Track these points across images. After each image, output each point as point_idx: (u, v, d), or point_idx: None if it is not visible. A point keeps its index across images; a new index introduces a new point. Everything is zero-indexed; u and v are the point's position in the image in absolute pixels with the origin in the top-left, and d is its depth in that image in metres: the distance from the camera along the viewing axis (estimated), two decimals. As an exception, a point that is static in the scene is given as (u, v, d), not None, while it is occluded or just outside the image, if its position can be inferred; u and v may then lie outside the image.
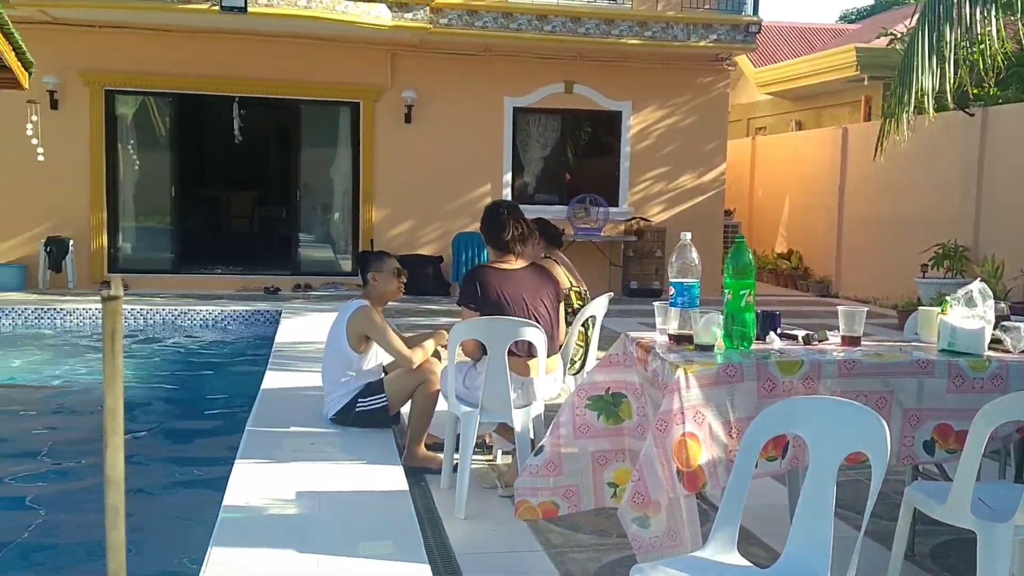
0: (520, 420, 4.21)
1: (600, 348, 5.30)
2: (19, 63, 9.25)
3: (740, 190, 15.82)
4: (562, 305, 4.77)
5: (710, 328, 3.15)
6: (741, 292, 3.15)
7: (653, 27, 12.12)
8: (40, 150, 10.89)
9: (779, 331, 3.42)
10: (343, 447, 4.71)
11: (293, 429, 5.02)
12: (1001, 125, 10.51)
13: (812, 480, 2.46)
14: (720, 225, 13.39)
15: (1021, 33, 6.40)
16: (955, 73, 6.93)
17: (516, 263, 4.42)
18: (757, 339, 3.26)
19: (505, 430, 4.56)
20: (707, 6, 12.40)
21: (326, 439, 4.85)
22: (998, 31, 6.87)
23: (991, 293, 3.31)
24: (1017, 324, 3.32)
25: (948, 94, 7.29)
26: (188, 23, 11.06)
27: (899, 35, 12.64)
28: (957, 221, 10.98)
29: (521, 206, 4.85)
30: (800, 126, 16.83)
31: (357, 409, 4.95)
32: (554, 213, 12.07)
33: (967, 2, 6.52)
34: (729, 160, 13.71)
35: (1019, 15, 7.03)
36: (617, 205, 12.93)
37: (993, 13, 6.67)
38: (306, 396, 5.76)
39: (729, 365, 2.98)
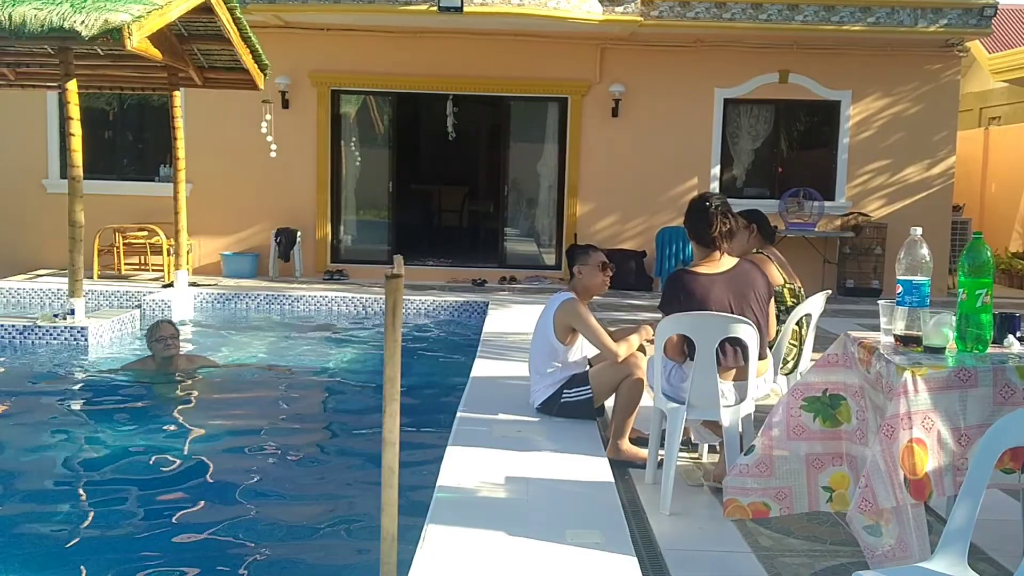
0: (729, 418, 4.12)
1: (815, 348, 5.11)
2: (256, 65, 10.01)
3: (970, 184, 14.74)
4: (773, 303, 4.63)
5: (941, 329, 2.96)
6: (977, 292, 2.94)
7: (877, 12, 11.49)
8: (273, 147, 11.70)
9: (1019, 334, 3.17)
10: (549, 436, 4.78)
11: (501, 416, 5.14)
12: None
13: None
14: (948, 222, 12.53)
15: None
16: None
17: (721, 264, 4.27)
18: (993, 342, 3.04)
19: (712, 425, 4.48)
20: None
21: (532, 428, 4.94)
22: None
23: None
24: None
25: None
26: (407, 24, 11.53)
27: None
28: None
29: (730, 200, 4.71)
30: (1041, 115, 15.47)
31: (563, 400, 5.01)
32: (765, 207, 11.63)
33: None
34: (959, 152, 12.80)
35: None
36: (833, 199, 12.37)
37: None
38: (513, 385, 5.89)
39: (962, 369, 2.79)
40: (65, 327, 7.75)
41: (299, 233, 12.14)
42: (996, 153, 14.76)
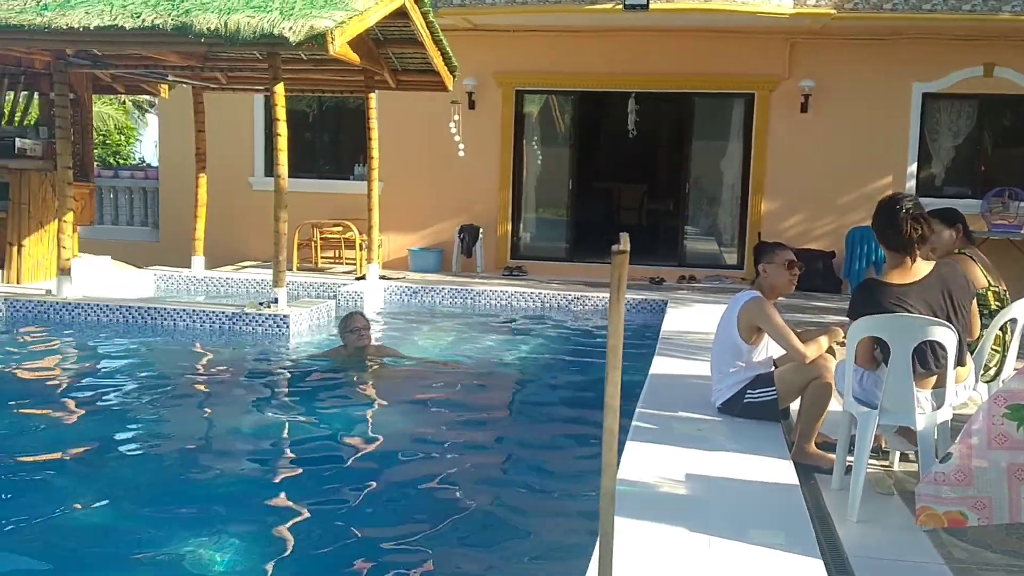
0: (924, 425, 3.95)
1: (1020, 355, 4.82)
2: (446, 67, 10.37)
3: None
4: (976, 306, 4.40)
5: None
6: None
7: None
8: (461, 146, 12.09)
9: None
10: (731, 436, 4.74)
11: (681, 414, 5.13)
12: None
13: None
14: None
15: None
16: None
17: (915, 271, 4.04)
18: None
19: (906, 432, 4.31)
20: None
21: (714, 427, 4.91)
22: None
23: None
24: None
25: None
26: (592, 23, 11.62)
27: None
28: None
29: (928, 199, 4.47)
30: None
31: (746, 400, 4.95)
32: (966, 207, 11.02)
33: None
34: None
35: None
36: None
37: None
38: (693, 383, 5.86)
39: None
40: (269, 315, 8.31)
41: (481, 230, 12.48)
42: None
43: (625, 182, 16.65)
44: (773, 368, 5.01)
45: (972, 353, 4.41)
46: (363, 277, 10.98)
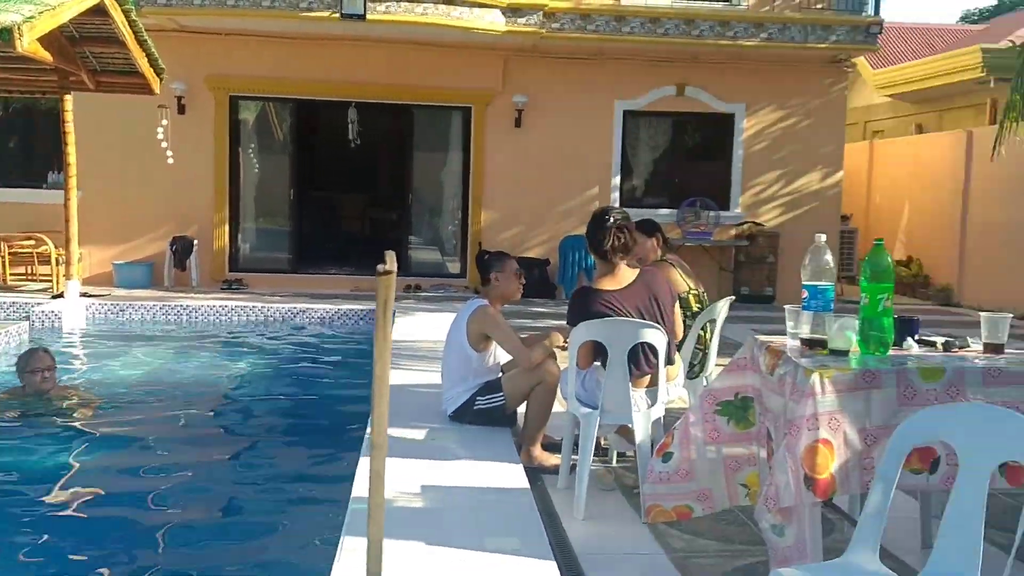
0: (641, 424, 4.19)
1: (718, 353, 5.25)
2: (151, 70, 9.71)
3: (856, 195, 15.38)
4: (679, 308, 4.74)
5: (844, 333, 3.08)
6: (879, 296, 3.07)
7: (770, 28, 11.91)
8: (169, 153, 11.37)
9: (917, 337, 3.32)
10: (462, 444, 4.78)
11: (413, 425, 5.10)
12: None
13: (961, 490, 2.38)
14: (837, 231, 13.04)
15: None
16: None
17: (623, 277, 4.33)
18: (894, 345, 3.18)
19: (626, 431, 4.55)
20: (820, 5, 12.11)
21: (446, 435, 4.93)
22: None
23: None
24: None
25: None
26: (309, 30, 11.38)
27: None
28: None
29: (629, 210, 4.80)
30: (920, 129, 16.25)
31: (476, 407, 5.01)
32: (664, 217, 11.99)
33: None
34: (846, 164, 13.35)
35: None
36: (728, 209, 12.74)
37: None
38: (423, 393, 5.86)
39: (867, 371, 2.91)
40: (-54, 341, 7.36)
41: (196, 241, 11.82)
42: (880, 166, 15.45)
43: (348, 191, 16.47)
44: (501, 374, 5.12)
45: (679, 352, 4.74)
46: (61, 295, 10.03)
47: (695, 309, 5.14)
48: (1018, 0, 31.47)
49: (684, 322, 4.90)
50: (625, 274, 4.36)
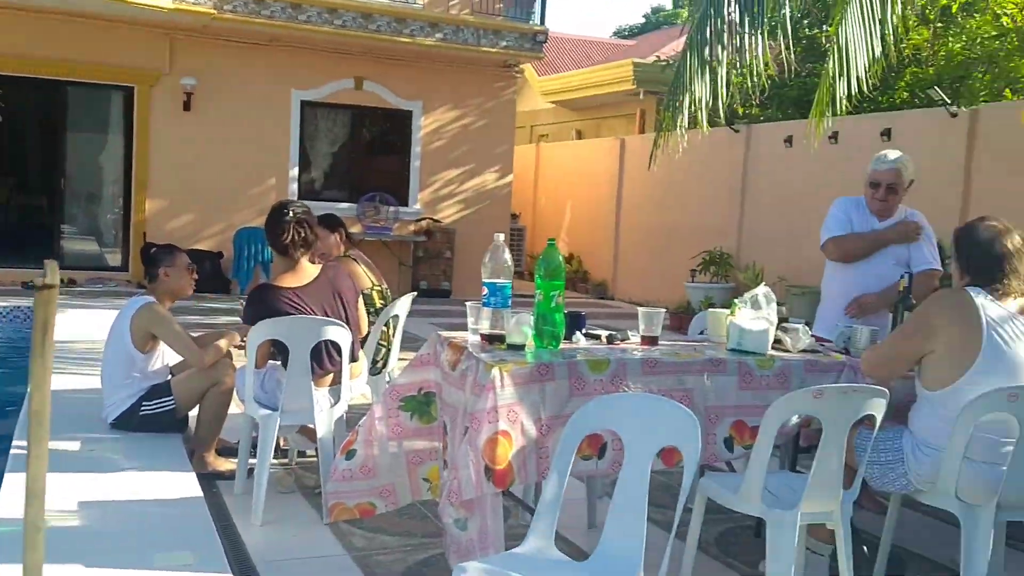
0: (324, 423, 4.11)
1: (403, 348, 5.29)
2: None
3: (525, 195, 16.25)
4: (363, 304, 4.71)
5: (521, 328, 3.20)
6: (552, 293, 3.22)
7: (445, 29, 12.22)
8: None
9: (584, 331, 3.53)
10: (127, 454, 4.41)
11: (69, 435, 4.62)
12: (762, 142, 11.39)
13: (627, 475, 2.55)
14: (507, 229, 13.68)
15: (784, 58, 6.89)
16: (726, 91, 7.35)
17: (305, 274, 4.23)
18: (564, 339, 3.36)
19: (308, 430, 4.44)
20: (498, 8, 12.63)
21: (107, 445, 4.51)
22: (763, 55, 7.36)
23: (774, 297, 3.57)
24: (795, 325, 3.60)
25: (721, 111, 7.74)
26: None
27: (668, 61, 13.46)
28: (722, 230, 11.78)
29: (308, 203, 4.70)
30: (580, 135, 17.50)
31: (142, 413, 4.64)
32: (343, 211, 11.90)
33: (735, 25, 6.90)
34: (515, 165, 14.04)
35: (781, 41, 7.57)
36: (407, 205, 12.92)
37: (758, 39, 7.12)
38: (81, 399, 5.33)
39: (541, 364, 3.04)
40: None
41: None
42: (545, 168, 16.43)
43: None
44: (170, 377, 4.79)
45: (363, 348, 4.70)
46: None
47: (379, 305, 5.13)
48: (664, 19, 34.87)
49: (368, 318, 4.88)
50: (307, 270, 4.25)
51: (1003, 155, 8.19)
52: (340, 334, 4.09)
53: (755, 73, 6.70)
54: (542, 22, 12.95)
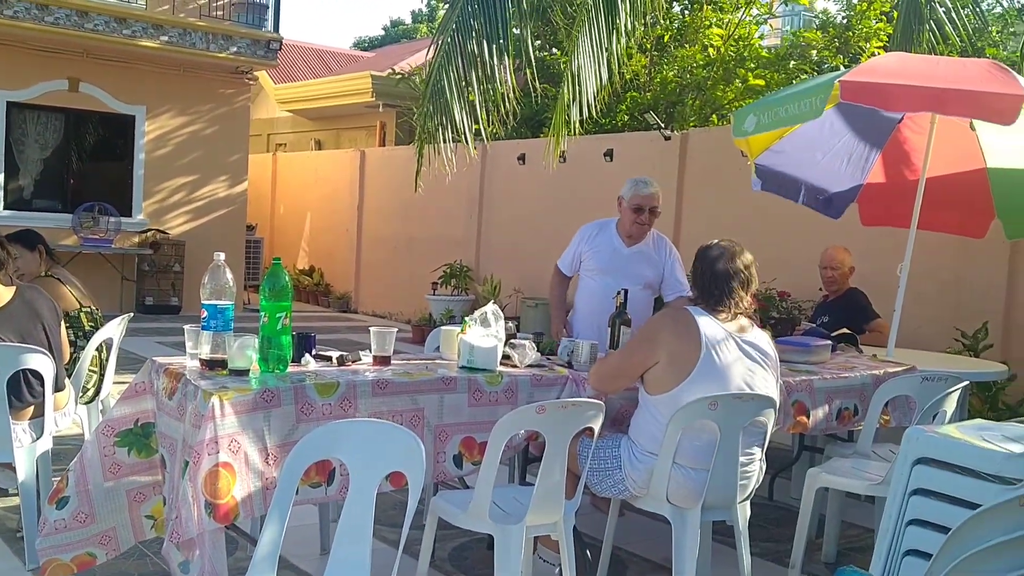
0: (24, 461, 3.72)
1: (118, 371, 4.92)
2: None
3: (262, 205, 15.75)
4: (69, 329, 4.35)
5: (245, 352, 3.07)
6: (278, 314, 3.11)
7: (170, 32, 11.59)
8: None
9: (314, 352, 3.44)
10: None
11: None
12: (498, 158, 11.70)
13: (352, 502, 2.49)
14: (242, 240, 13.18)
15: (530, 81, 7.11)
16: (472, 110, 7.44)
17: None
18: (293, 362, 3.25)
19: (5, 465, 4.01)
20: (219, 12, 12.13)
21: None
22: (511, 80, 7.49)
23: (502, 314, 3.65)
24: (522, 341, 3.70)
25: (469, 130, 7.78)
26: None
27: (404, 74, 13.57)
28: (463, 243, 12.01)
29: (17, 213, 4.27)
30: (320, 145, 17.22)
31: None
32: (57, 221, 11.03)
33: (483, 44, 7.00)
34: (251, 175, 13.57)
35: (524, 63, 7.77)
36: (131, 215, 12.10)
37: (505, 60, 7.27)
38: None
39: (266, 390, 2.92)
40: None
41: None
42: (283, 177, 16.02)
43: None
44: None
45: (69, 376, 4.32)
46: None
47: (88, 328, 4.73)
48: (403, 32, 35.14)
49: (75, 342, 4.50)
50: (1, 293, 3.84)
51: (710, 175, 8.92)
52: (41, 362, 3.73)
53: (505, 99, 6.87)
54: (276, 29, 12.61)
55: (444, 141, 7.03)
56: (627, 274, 4.60)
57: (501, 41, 6.59)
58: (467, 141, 7.07)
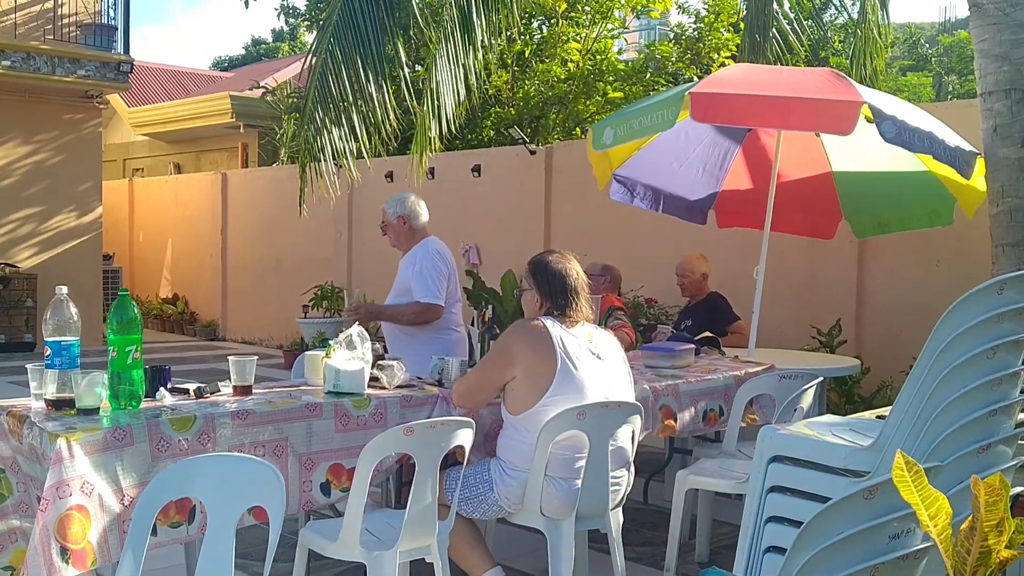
0: None
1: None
2: None
3: (120, 233, 15.13)
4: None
5: (94, 389, 2.92)
6: (127, 348, 2.97)
7: (12, 56, 11.01)
8: None
9: (169, 386, 3.30)
10: None
11: None
12: (365, 176, 11.55)
13: (211, 540, 2.40)
14: (99, 271, 12.61)
15: (409, 102, 7.07)
16: (353, 132, 7.26)
17: None
18: (146, 397, 3.11)
19: None
20: (68, 32, 11.62)
21: None
22: (390, 103, 7.35)
23: (368, 336, 3.59)
24: (391, 363, 3.65)
25: (350, 153, 7.59)
26: None
27: (269, 88, 13.31)
28: (333, 263, 11.81)
29: None
30: (179, 169, 16.68)
31: None
32: None
33: (361, 67, 6.87)
34: (107, 202, 13.02)
35: (400, 86, 7.68)
36: (-28, 250, 11.43)
37: (384, 82, 7.15)
38: None
39: (117, 428, 2.78)
40: None
41: None
42: (141, 203, 15.43)
43: None
44: None
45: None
46: None
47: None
48: (264, 52, 34.49)
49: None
50: None
51: (575, 188, 9.06)
52: None
53: (385, 121, 6.80)
54: (127, 51, 12.14)
55: (324, 160, 6.91)
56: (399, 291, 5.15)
57: (375, 61, 6.53)
58: (349, 165, 6.99)
